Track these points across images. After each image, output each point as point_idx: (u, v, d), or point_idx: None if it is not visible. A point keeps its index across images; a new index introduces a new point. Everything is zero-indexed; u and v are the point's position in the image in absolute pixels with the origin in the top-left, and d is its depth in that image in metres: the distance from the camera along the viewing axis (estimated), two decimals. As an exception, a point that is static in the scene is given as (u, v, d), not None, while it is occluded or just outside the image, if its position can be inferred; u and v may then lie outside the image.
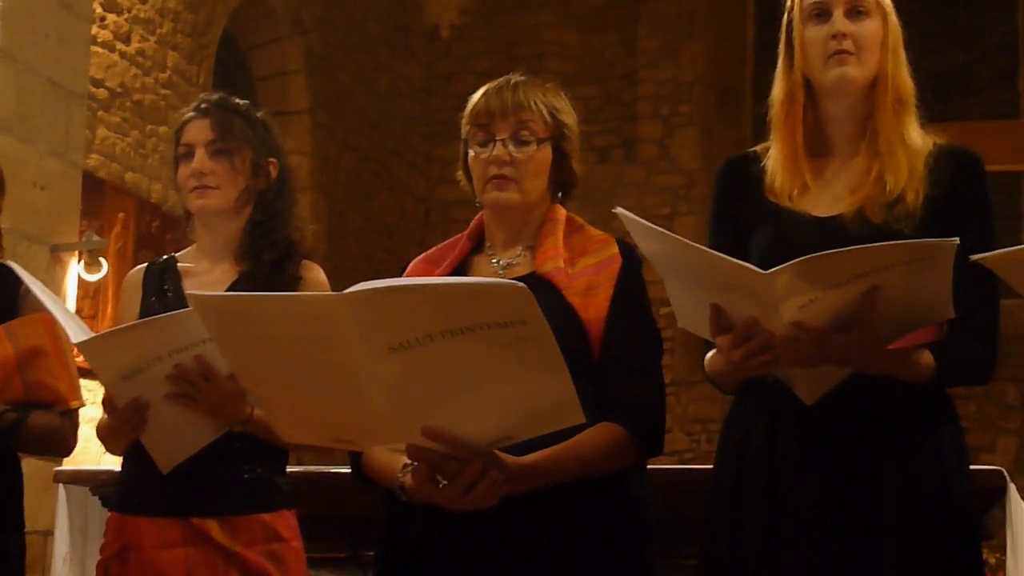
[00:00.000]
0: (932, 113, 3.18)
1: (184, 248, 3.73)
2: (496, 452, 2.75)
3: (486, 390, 2.63)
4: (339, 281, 2.66)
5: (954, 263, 2.77)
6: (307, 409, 2.76)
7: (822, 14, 3.09)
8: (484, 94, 3.16)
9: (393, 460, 2.94)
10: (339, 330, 2.55)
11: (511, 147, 3.11)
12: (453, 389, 2.63)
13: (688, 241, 2.81)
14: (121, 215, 8.31)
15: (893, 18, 3.12)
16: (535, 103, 3.12)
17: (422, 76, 11.77)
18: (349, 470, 3.17)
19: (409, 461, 2.83)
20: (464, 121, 3.18)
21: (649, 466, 3.16)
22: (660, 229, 2.85)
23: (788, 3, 3.17)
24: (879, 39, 3.08)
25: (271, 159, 3.64)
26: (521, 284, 2.54)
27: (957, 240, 2.70)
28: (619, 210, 2.87)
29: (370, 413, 2.65)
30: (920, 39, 3.21)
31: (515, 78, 3.18)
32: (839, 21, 3.06)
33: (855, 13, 3.07)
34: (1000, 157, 5.57)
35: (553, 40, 11.72)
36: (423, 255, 3.29)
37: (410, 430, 2.67)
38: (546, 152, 3.14)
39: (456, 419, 2.67)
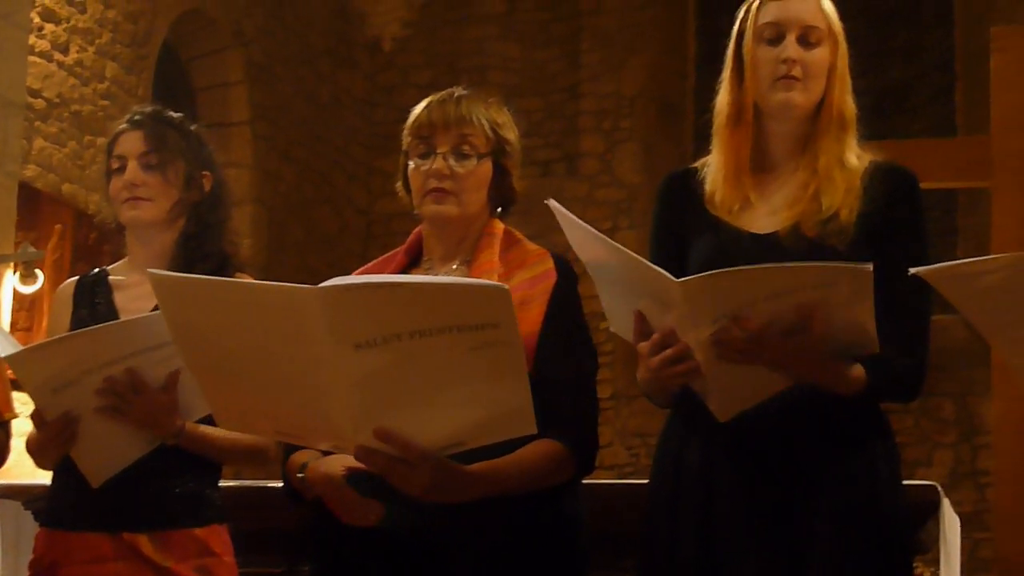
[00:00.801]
0: (871, 130, 3.21)
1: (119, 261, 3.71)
2: (444, 459, 2.74)
3: (447, 393, 2.63)
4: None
5: (886, 279, 2.80)
6: (254, 399, 2.74)
7: (775, 38, 3.11)
8: (427, 107, 3.15)
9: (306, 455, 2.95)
10: (307, 323, 2.54)
11: (451, 160, 3.10)
12: (413, 390, 2.62)
13: (615, 243, 2.83)
14: (58, 227, 8.25)
15: (843, 44, 3.15)
16: (477, 118, 3.12)
17: (364, 88, 11.75)
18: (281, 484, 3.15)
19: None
20: (405, 133, 3.17)
21: (588, 480, 3.16)
22: (586, 226, 2.86)
23: (740, 16, 3.18)
24: (827, 66, 3.11)
25: (205, 172, 3.63)
26: (502, 285, 2.54)
27: (871, 266, 2.73)
28: (551, 202, 2.88)
29: (324, 409, 2.64)
30: (859, 56, 3.23)
31: (458, 92, 3.17)
32: (791, 47, 3.09)
33: (807, 41, 3.10)
34: (937, 174, 5.60)
35: (495, 53, 11.72)
36: (361, 268, 3.28)
37: (363, 430, 2.65)
38: (486, 167, 3.14)
39: (411, 421, 2.66)
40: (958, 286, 2.77)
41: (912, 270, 2.72)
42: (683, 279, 2.73)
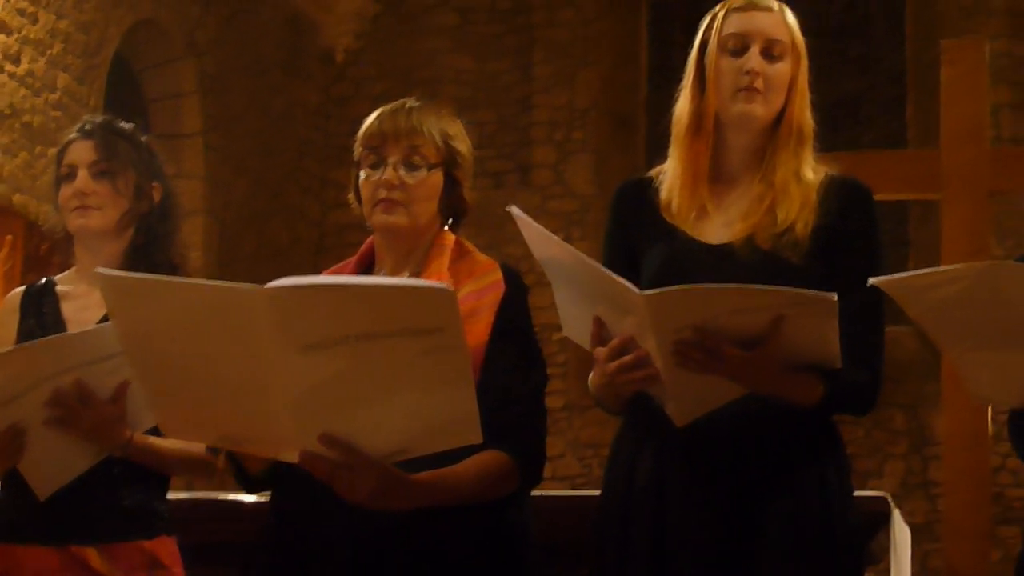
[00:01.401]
0: (822, 142, 3.23)
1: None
2: (389, 466, 2.74)
3: (392, 400, 2.62)
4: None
5: (841, 292, 2.82)
6: (199, 404, 2.72)
7: (738, 49, 3.12)
8: (378, 117, 3.15)
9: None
10: (253, 324, 2.53)
11: (402, 171, 3.10)
12: (360, 396, 2.61)
13: (576, 251, 2.84)
14: (9, 237, 8.20)
15: (805, 60, 3.17)
16: (428, 129, 3.12)
17: (317, 100, 11.73)
18: (236, 497, 3.15)
19: None
20: (357, 143, 3.17)
21: (540, 492, 3.16)
22: (550, 234, 2.87)
23: (704, 26, 3.20)
24: (788, 80, 3.13)
25: (155, 183, 3.63)
26: (447, 287, 2.54)
27: (835, 296, 2.75)
28: (512, 208, 2.89)
29: (269, 414, 2.62)
30: (811, 68, 3.25)
31: (410, 103, 3.17)
32: (754, 58, 3.10)
33: (770, 54, 3.11)
34: (888, 186, 5.62)
35: (448, 65, 11.72)
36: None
37: (308, 435, 2.64)
38: (437, 177, 3.13)
39: (357, 427, 2.65)
40: (914, 296, 2.79)
41: (871, 280, 2.74)
42: (647, 292, 2.74)
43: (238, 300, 2.55)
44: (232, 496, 3.85)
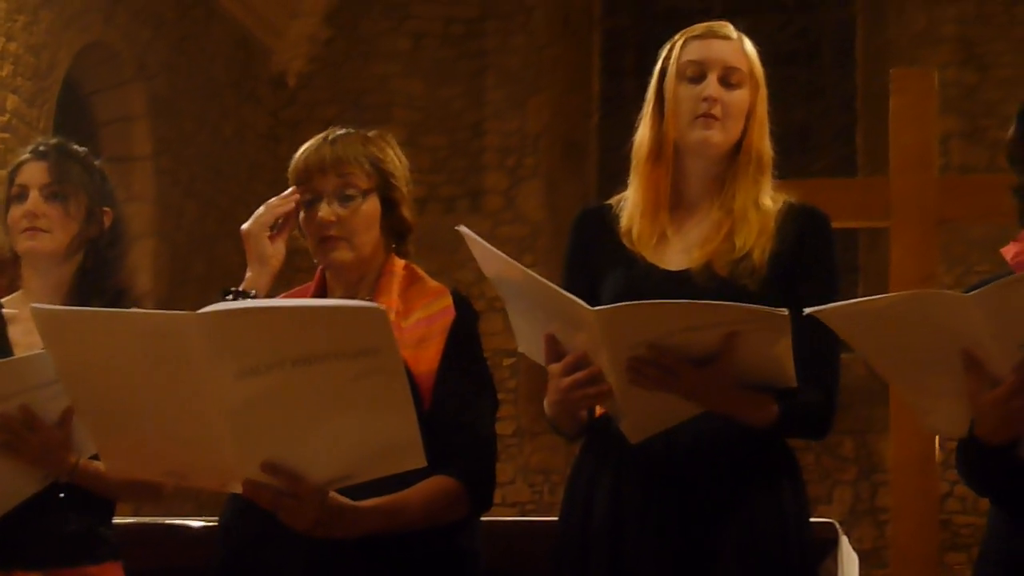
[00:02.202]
0: (773, 170, 3.24)
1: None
2: (333, 493, 2.73)
3: (331, 425, 2.61)
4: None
5: (797, 318, 2.83)
6: (141, 438, 2.71)
7: (697, 76, 3.14)
8: (303, 152, 3.15)
9: None
10: (188, 351, 2.52)
11: (336, 205, 3.10)
12: (298, 421, 2.60)
13: (526, 269, 2.84)
14: (-45, 259, 8.14)
15: (763, 88, 3.19)
16: (355, 156, 3.11)
17: (268, 123, 11.71)
18: (184, 522, 3.13)
19: None
20: (289, 180, 3.18)
21: (490, 518, 3.16)
22: (499, 253, 2.87)
23: (664, 54, 3.21)
24: (746, 108, 3.15)
25: (106, 208, 3.61)
26: (378, 306, 2.54)
27: (786, 311, 2.76)
28: (461, 228, 2.88)
29: (209, 443, 2.61)
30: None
31: (333, 133, 3.17)
32: (711, 86, 3.12)
33: (728, 82, 3.13)
34: (838, 213, 5.60)
35: (400, 90, 11.72)
36: (265, 306, 3.27)
37: (249, 463, 2.63)
38: (372, 204, 3.13)
39: (298, 454, 2.64)
40: (852, 325, 2.80)
41: (807, 310, 2.75)
42: (599, 308, 2.75)
43: (171, 327, 2.54)
44: (180, 520, 3.84)
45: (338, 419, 2.61)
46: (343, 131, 3.18)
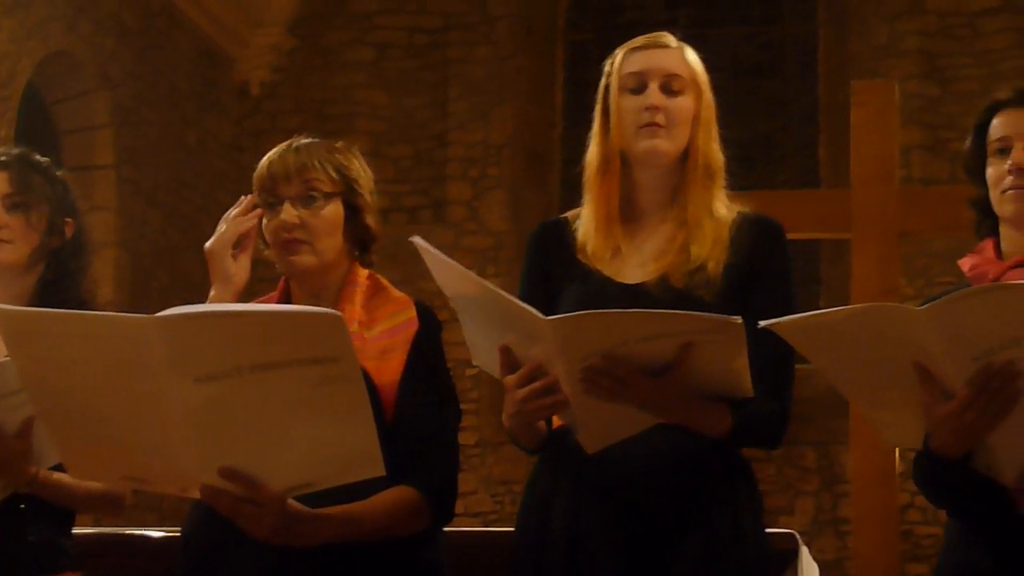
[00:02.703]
0: (736, 180, 3.25)
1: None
2: (290, 500, 2.72)
3: (290, 432, 2.61)
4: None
5: (752, 328, 2.84)
6: (102, 442, 2.71)
7: (638, 87, 3.15)
8: (267, 161, 3.15)
9: None
10: (147, 356, 2.52)
11: (299, 208, 3.10)
12: (257, 428, 2.60)
13: (481, 280, 2.84)
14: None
15: (708, 94, 3.20)
16: (319, 161, 3.12)
17: (231, 133, 11.68)
18: (143, 532, 3.12)
19: None
20: (253, 189, 3.18)
21: (452, 528, 3.16)
22: (454, 263, 2.87)
23: (607, 69, 3.22)
24: (691, 115, 3.15)
25: (68, 219, 3.60)
26: (335, 312, 2.54)
27: (740, 319, 2.77)
28: (415, 239, 2.89)
29: (168, 447, 2.61)
30: (724, 107, 3.28)
31: (297, 142, 3.17)
32: (653, 95, 3.13)
33: (669, 89, 3.14)
34: (800, 225, 5.67)
35: (363, 100, 11.71)
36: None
37: (208, 468, 2.63)
38: (336, 208, 3.13)
39: (257, 460, 2.64)
40: (807, 337, 2.81)
41: (761, 323, 2.76)
42: (552, 317, 2.75)
43: (130, 330, 2.54)
44: (140, 531, 3.82)
45: (297, 426, 2.61)
46: (308, 140, 3.19)
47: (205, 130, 11.31)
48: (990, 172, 3.14)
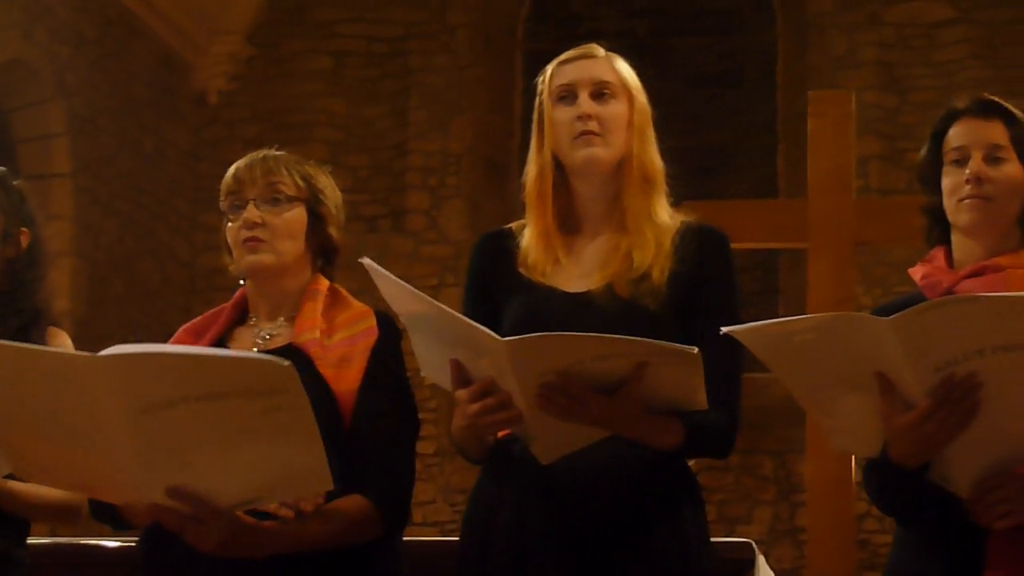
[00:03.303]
0: (694, 190, 3.26)
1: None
2: (239, 514, 2.73)
3: (237, 453, 2.62)
4: (99, 348, 2.62)
5: (699, 337, 2.86)
6: (50, 456, 2.71)
7: (568, 96, 3.16)
8: (235, 167, 3.17)
9: None
10: (92, 389, 2.53)
11: (263, 208, 3.11)
12: (203, 451, 2.61)
13: (433, 300, 2.84)
14: None
15: (641, 99, 3.20)
16: (285, 167, 3.14)
17: (189, 141, 11.64)
18: (99, 542, 3.11)
19: None
20: (220, 197, 3.18)
21: (409, 538, 3.16)
22: (404, 284, 2.87)
23: (539, 87, 3.23)
24: (625, 120, 3.16)
25: (23, 228, 3.58)
26: (286, 362, 2.54)
27: (696, 349, 2.78)
28: (365, 260, 2.89)
29: (115, 467, 2.63)
30: (683, 117, 3.30)
31: (266, 152, 3.19)
32: (584, 103, 3.14)
33: (600, 95, 3.15)
34: (758, 235, 5.70)
35: (322, 109, 11.69)
36: (188, 325, 3.27)
37: (155, 488, 2.64)
38: (299, 212, 3.15)
39: (203, 479, 2.65)
40: (765, 345, 2.82)
41: (724, 329, 2.77)
42: (510, 339, 2.75)
43: (75, 367, 2.55)
44: (95, 541, 3.80)
45: (244, 448, 2.63)
46: (278, 152, 3.21)
47: (162, 138, 11.27)
48: (946, 181, 3.15)
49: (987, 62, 11.13)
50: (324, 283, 3.19)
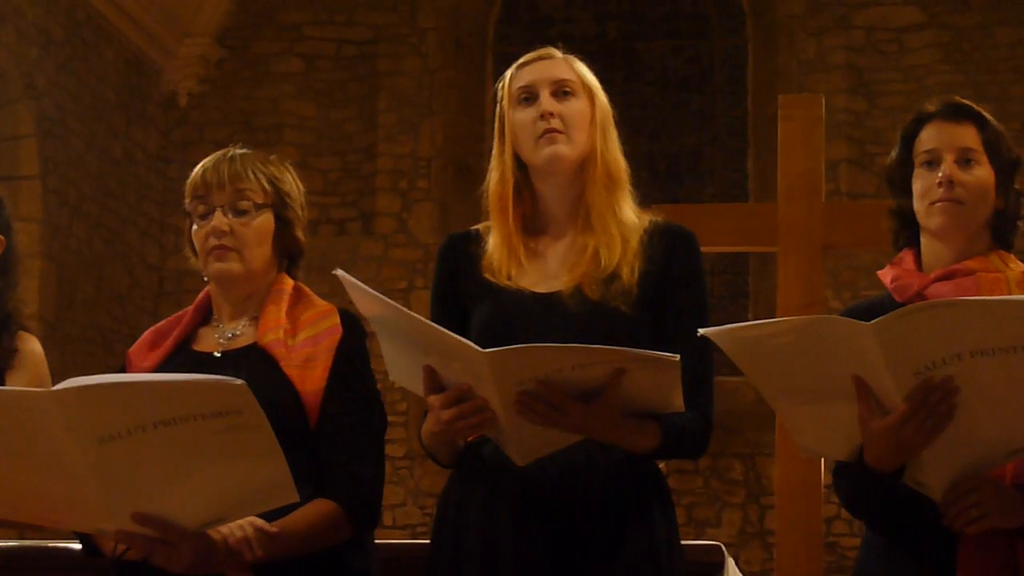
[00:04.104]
0: (664, 194, 3.27)
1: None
2: (207, 533, 2.74)
3: (199, 474, 2.63)
4: (68, 351, 2.62)
5: (670, 338, 2.86)
6: (11, 490, 2.70)
7: (530, 97, 3.16)
8: (202, 168, 3.15)
9: None
10: (47, 423, 2.53)
11: (230, 216, 3.10)
12: (165, 475, 2.62)
13: (409, 311, 2.83)
14: None
15: (601, 97, 3.20)
16: (253, 172, 3.13)
17: (158, 144, 11.61)
18: (67, 545, 3.10)
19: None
20: (186, 196, 3.17)
21: (380, 540, 3.15)
22: (379, 295, 2.87)
23: (499, 92, 3.23)
24: (587, 118, 3.16)
25: (0, 236, 3.57)
26: (239, 381, 2.54)
27: (678, 357, 2.77)
28: (338, 272, 2.88)
29: (79, 499, 2.63)
30: (653, 121, 3.30)
31: (233, 151, 3.18)
32: (546, 101, 3.14)
33: (561, 93, 3.15)
34: (727, 238, 5.69)
35: (292, 112, 11.68)
36: (153, 327, 3.26)
37: (120, 515, 2.64)
38: (266, 219, 3.14)
39: (168, 503, 2.66)
40: (741, 348, 2.82)
41: (701, 331, 2.77)
42: (490, 350, 2.74)
43: (26, 403, 2.55)
44: (63, 544, 3.78)
45: (205, 469, 2.64)
46: (243, 150, 3.18)
47: (132, 141, 11.24)
48: (918, 184, 3.15)
49: (956, 66, 11.18)
50: (288, 282, 3.19)
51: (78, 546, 3.10)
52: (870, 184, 10.84)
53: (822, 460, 5.15)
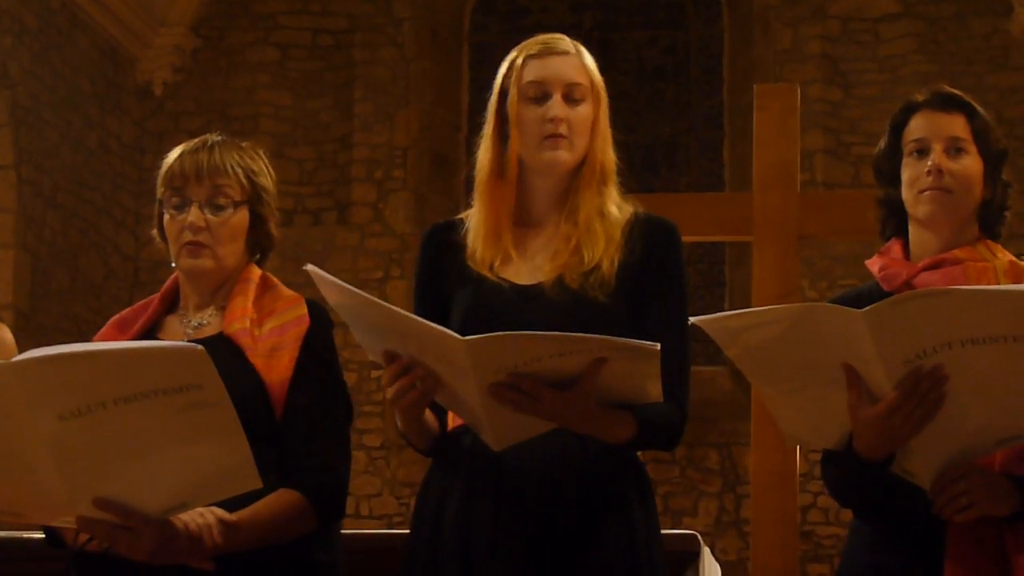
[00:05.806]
0: (640, 184, 3.26)
1: None
2: (170, 520, 2.72)
3: (161, 457, 2.61)
4: (42, 341, 2.60)
5: (648, 329, 2.86)
6: None
7: (541, 96, 3.13)
8: (179, 156, 3.13)
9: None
10: (5, 399, 2.50)
11: (207, 212, 3.08)
12: (126, 457, 2.60)
13: (383, 302, 2.82)
14: None
15: (604, 98, 3.20)
16: (231, 166, 3.10)
17: (133, 134, 11.57)
18: (37, 536, 3.09)
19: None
20: (159, 182, 3.14)
21: (356, 531, 3.14)
22: (352, 288, 2.85)
23: (503, 73, 3.20)
24: (591, 123, 3.15)
25: None
26: (198, 346, 2.52)
27: (658, 346, 2.77)
28: (309, 267, 2.86)
29: (39, 485, 2.60)
30: (629, 111, 3.30)
31: (211, 139, 3.15)
32: (557, 105, 3.11)
33: (571, 99, 3.13)
34: (703, 228, 5.70)
35: (267, 101, 11.65)
36: (118, 315, 3.24)
37: (81, 500, 2.62)
38: (242, 216, 3.12)
39: (129, 487, 2.63)
40: (732, 336, 2.83)
41: (692, 319, 2.78)
42: (469, 338, 2.73)
43: None
44: (30, 535, 3.76)
45: (167, 451, 2.61)
46: (220, 138, 3.16)
47: (106, 131, 11.20)
48: (907, 173, 3.16)
49: (931, 57, 11.20)
50: (256, 272, 3.17)
51: (41, 536, 3.08)
52: (845, 174, 10.86)
53: (797, 449, 5.16)
